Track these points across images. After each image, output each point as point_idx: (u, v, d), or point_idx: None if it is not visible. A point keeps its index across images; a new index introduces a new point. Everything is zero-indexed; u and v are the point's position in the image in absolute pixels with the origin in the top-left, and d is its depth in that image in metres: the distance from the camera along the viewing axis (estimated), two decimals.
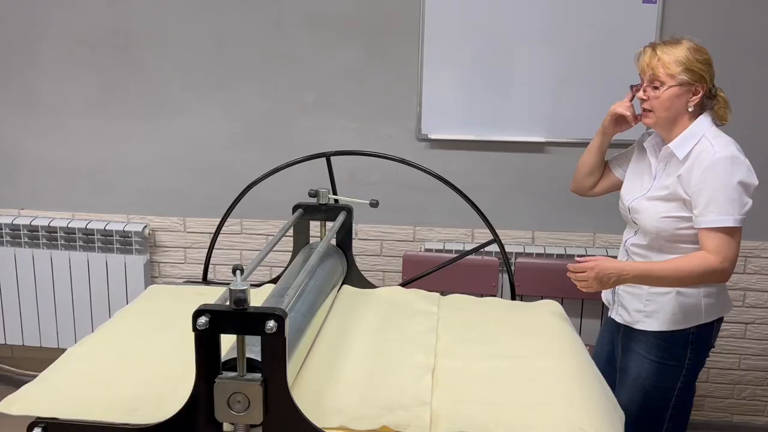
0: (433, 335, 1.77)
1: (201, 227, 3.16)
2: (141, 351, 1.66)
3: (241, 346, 1.27)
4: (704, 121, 2.02)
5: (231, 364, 1.30)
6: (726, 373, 3.09)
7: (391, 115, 2.96)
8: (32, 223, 3.13)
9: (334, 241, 2.14)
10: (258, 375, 1.28)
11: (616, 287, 2.18)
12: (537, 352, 1.70)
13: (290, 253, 2.18)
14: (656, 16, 2.75)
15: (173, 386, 1.48)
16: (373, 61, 2.93)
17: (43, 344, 3.22)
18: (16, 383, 3.42)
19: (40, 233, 3.13)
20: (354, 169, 2.96)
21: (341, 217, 2.10)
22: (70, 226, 3.11)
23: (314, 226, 2.17)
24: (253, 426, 1.29)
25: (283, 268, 2.91)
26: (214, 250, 2.36)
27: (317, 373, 1.56)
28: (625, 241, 2.20)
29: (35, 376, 3.50)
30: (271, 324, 1.23)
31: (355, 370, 1.58)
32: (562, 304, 2.96)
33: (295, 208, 2.12)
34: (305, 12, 2.90)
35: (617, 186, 2.27)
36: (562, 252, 2.94)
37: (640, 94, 2.05)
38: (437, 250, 2.99)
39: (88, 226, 3.10)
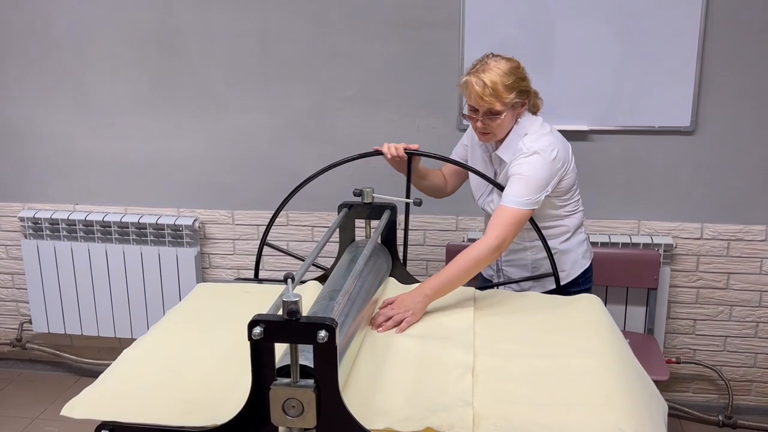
0: (471, 332, 1.80)
1: (248, 219, 3.23)
2: (193, 352, 1.72)
3: (294, 354, 1.32)
4: (523, 119, 2.16)
5: (285, 370, 1.36)
6: None
7: (432, 106, 2.98)
8: (87, 218, 3.23)
9: (379, 239, 2.18)
10: (311, 381, 1.32)
11: (499, 263, 2.33)
12: (576, 350, 1.72)
13: (335, 244, 2.23)
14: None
15: (226, 389, 1.54)
16: (414, 53, 2.94)
17: (101, 334, 3.34)
18: (75, 370, 3.56)
19: (94, 227, 3.24)
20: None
21: (386, 216, 2.14)
22: (123, 220, 3.21)
23: (358, 222, 2.22)
24: (306, 430, 1.34)
25: (325, 258, 2.97)
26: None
27: (364, 374, 1.60)
28: None
29: (93, 364, 3.62)
30: (322, 334, 1.28)
31: (399, 370, 1.62)
32: (606, 292, 2.98)
33: (340, 207, 2.17)
34: (346, 6, 2.93)
35: (465, 177, 2.39)
36: (607, 240, 2.94)
37: (478, 124, 2.12)
38: None
39: (140, 220, 3.20)
